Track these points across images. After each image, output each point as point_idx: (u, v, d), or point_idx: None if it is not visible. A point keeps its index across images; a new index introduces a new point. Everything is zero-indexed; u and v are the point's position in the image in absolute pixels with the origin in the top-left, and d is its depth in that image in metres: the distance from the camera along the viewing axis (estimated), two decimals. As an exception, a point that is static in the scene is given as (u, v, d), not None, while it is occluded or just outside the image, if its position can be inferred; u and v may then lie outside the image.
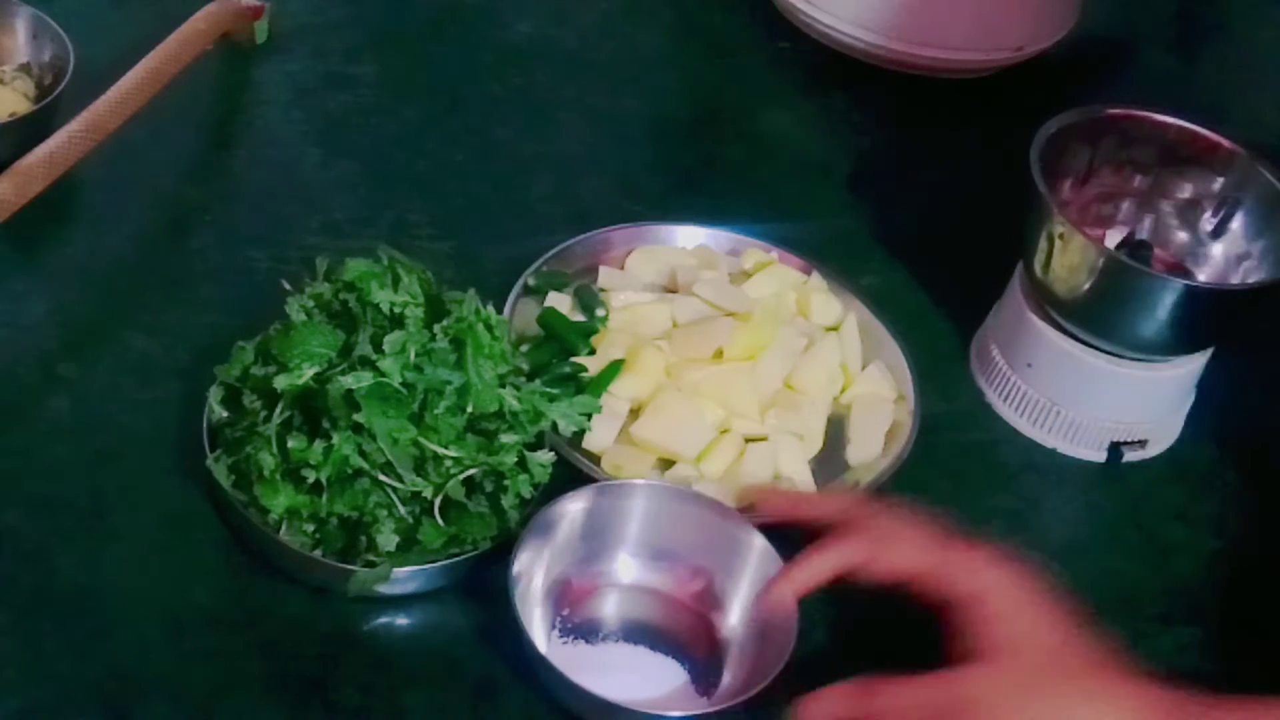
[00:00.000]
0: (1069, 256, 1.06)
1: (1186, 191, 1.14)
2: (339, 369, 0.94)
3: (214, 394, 0.98)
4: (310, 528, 0.93)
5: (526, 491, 0.96)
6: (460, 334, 0.96)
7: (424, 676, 0.94)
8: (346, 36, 1.35)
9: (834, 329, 1.15)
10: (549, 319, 1.10)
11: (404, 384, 0.93)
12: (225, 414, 0.98)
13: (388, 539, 0.92)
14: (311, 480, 0.92)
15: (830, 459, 1.08)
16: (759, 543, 0.97)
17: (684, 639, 0.97)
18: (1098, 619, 0.90)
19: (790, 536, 0.98)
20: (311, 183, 1.22)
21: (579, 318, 1.11)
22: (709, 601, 0.98)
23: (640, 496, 0.98)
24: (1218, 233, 1.13)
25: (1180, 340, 1.09)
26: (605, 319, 1.11)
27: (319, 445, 0.92)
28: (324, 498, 0.93)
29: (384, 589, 0.94)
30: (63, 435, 1.02)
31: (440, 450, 0.94)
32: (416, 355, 0.94)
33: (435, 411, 0.94)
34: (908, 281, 1.22)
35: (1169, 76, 1.48)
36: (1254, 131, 1.11)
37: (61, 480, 0.99)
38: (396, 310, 0.96)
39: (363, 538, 0.93)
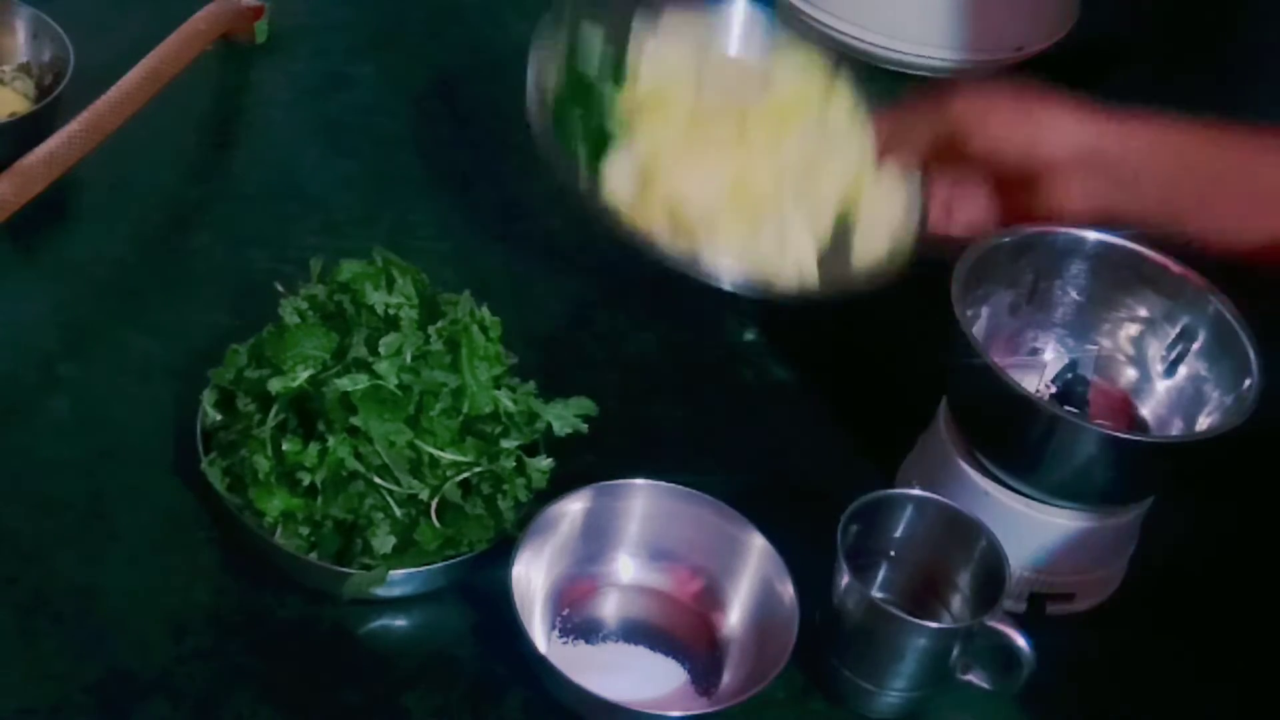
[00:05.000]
0: (995, 401, 0.95)
1: (1132, 317, 1.04)
2: (333, 371, 0.94)
3: (207, 397, 0.98)
4: (305, 530, 0.93)
5: (524, 496, 0.96)
6: (455, 336, 0.96)
7: (424, 677, 0.94)
8: (346, 36, 1.35)
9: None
10: (573, 61, 1.04)
11: (400, 386, 0.93)
12: (218, 417, 0.97)
13: (383, 541, 0.92)
14: (306, 483, 0.92)
15: (833, 256, 1.04)
16: (759, 543, 0.97)
17: (684, 639, 0.97)
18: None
19: (791, 538, 0.98)
20: (311, 183, 1.22)
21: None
22: (709, 601, 0.98)
23: (640, 496, 0.98)
24: (1164, 362, 1.03)
25: (1117, 491, 0.98)
26: (632, 72, 1.05)
27: (314, 448, 0.92)
28: (319, 500, 0.93)
29: (381, 591, 0.93)
30: (62, 435, 1.02)
31: (436, 453, 0.94)
32: (413, 357, 0.94)
33: (431, 414, 0.94)
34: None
35: (1169, 76, 1.48)
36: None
37: (61, 480, 0.99)
38: (391, 312, 0.96)
39: (358, 540, 0.93)
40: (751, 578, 0.97)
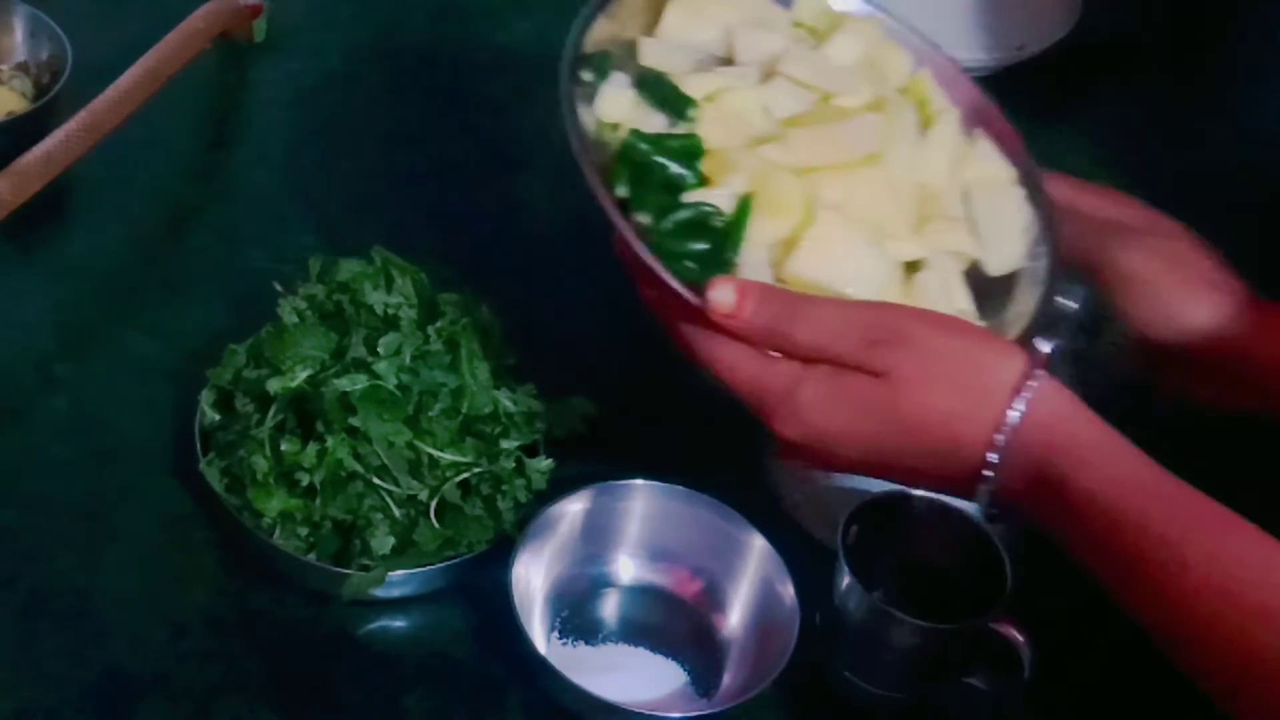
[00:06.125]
0: None
1: None
2: (332, 371, 0.93)
3: (205, 397, 0.98)
4: (304, 531, 0.93)
5: (523, 496, 0.96)
6: (455, 336, 0.96)
7: (424, 678, 0.94)
8: (346, 35, 1.35)
9: (909, 92, 0.90)
10: (633, 149, 0.82)
11: (399, 386, 0.93)
12: (217, 417, 0.97)
13: (382, 542, 0.92)
14: (305, 484, 0.92)
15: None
16: (759, 543, 0.97)
17: (684, 640, 0.97)
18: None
19: (791, 538, 0.98)
20: (310, 182, 1.22)
21: (655, 120, 0.84)
22: (709, 602, 0.98)
23: (640, 497, 0.98)
24: None
25: None
26: (693, 119, 0.84)
27: (312, 448, 0.92)
28: (318, 501, 0.92)
29: (380, 592, 0.93)
30: (60, 435, 1.01)
31: (436, 453, 0.93)
32: (412, 357, 0.94)
33: (430, 414, 0.93)
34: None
35: (1169, 76, 1.48)
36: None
37: (59, 480, 0.99)
38: (390, 311, 0.96)
39: (357, 541, 0.93)
40: (752, 578, 0.97)
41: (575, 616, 0.97)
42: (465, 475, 0.94)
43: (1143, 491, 0.76)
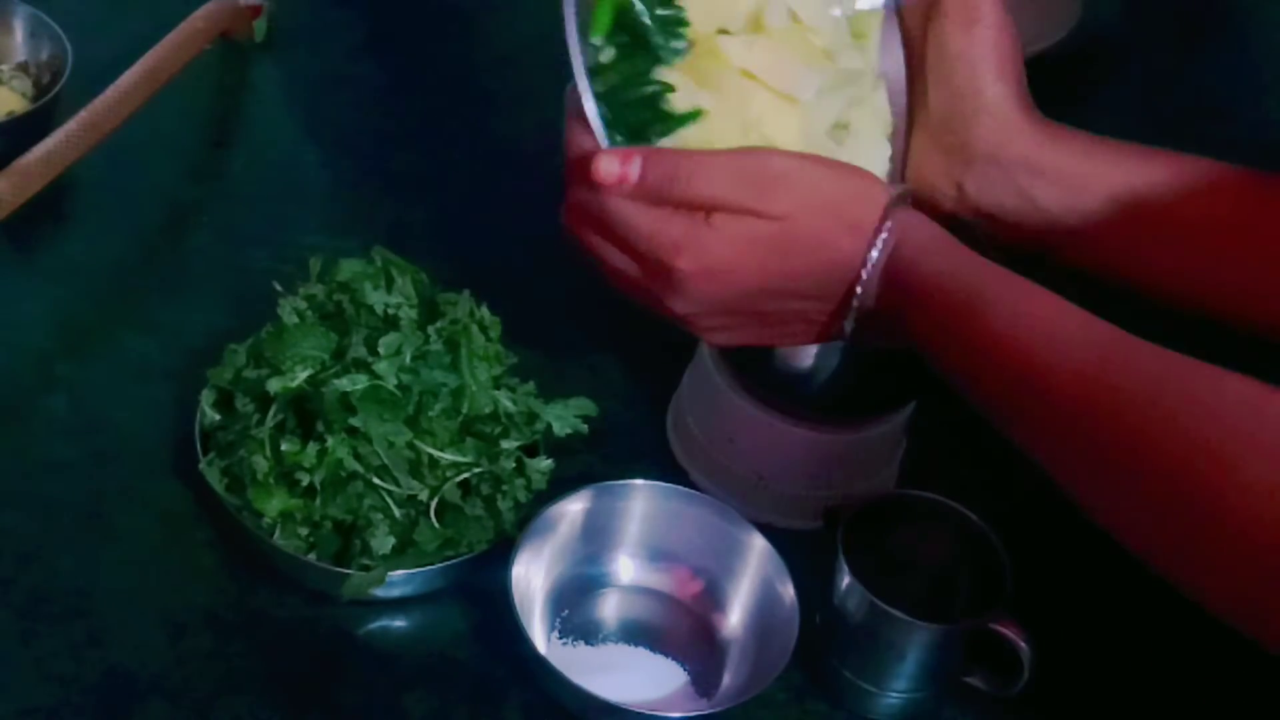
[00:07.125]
0: None
1: None
2: (332, 371, 0.93)
3: (205, 397, 0.98)
4: (304, 531, 0.93)
5: (523, 496, 0.96)
6: (455, 336, 0.96)
7: (424, 678, 0.94)
8: (346, 36, 1.35)
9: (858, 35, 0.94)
10: (626, 5, 0.87)
11: (399, 386, 0.93)
12: (217, 417, 0.97)
13: (382, 542, 0.92)
14: (305, 483, 0.92)
15: None
16: (759, 543, 0.97)
17: (684, 640, 0.97)
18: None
19: (791, 538, 0.98)
20: (310, 182, 1.22)
21: None
22: (709, 602, 0.98)
23: (640, 497, 0.98)
24: None
25: (881, 401, 1.02)
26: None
27: (312, 448, 0.92)
28: (318, 501, 0.92)
29: (380, 592, 0.93)
30: (61, 435, 1.01)
31: (436, 453, 0.93)
32: (412, 357, 0.94)
33: (430, 414, 0.94)
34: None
35: (1169, 76, 1.48)
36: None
37: (59, 480, 0.99)
38: (390, 311, 0.96)
39: (357, 541, 0.93)
40: (752, 578, 0.97)
41: (575, 616, 0.97)
42: (465, 475, 0.94)
43: (976, 271, 0.84)
